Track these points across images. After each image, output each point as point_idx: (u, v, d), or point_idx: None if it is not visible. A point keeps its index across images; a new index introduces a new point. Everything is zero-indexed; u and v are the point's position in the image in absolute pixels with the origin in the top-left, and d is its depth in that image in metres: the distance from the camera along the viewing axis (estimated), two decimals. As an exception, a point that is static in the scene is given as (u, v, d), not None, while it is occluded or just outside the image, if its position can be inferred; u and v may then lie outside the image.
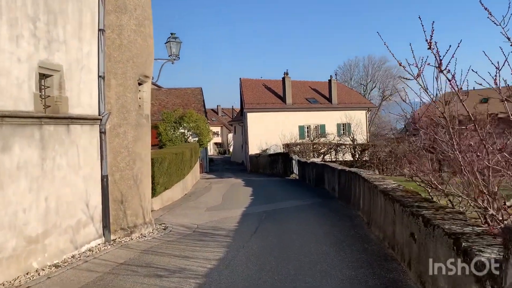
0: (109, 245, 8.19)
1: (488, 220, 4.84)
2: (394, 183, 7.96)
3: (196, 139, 34.17)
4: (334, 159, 31.77)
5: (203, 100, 45.84)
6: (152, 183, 13.79)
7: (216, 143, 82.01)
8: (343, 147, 33.06)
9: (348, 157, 32.82)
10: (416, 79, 4.78)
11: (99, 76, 8.24)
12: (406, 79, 4.81)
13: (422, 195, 6.47)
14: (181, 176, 18.37)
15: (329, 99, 43.47)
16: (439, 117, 5.36)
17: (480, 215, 5.27)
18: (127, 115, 8.84)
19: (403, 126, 34.01)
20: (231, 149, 69.64)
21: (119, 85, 8.68)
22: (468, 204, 5.78)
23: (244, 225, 9.86)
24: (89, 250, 7.71)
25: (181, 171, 18.30)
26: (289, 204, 13.28)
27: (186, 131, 33.65)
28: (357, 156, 32.33)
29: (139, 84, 9.50)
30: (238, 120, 51.49)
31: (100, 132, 8.29)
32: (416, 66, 4.65)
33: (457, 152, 4.87)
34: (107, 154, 8.44)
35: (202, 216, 11.78)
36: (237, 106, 58.99)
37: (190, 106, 40.52)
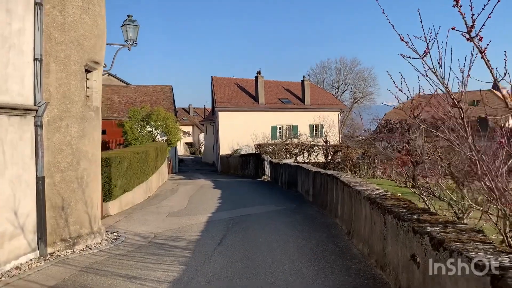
0: (44, 260, 6.84)
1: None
2: (379, 188, 6.96)
3: (165, 138, 32.65)
4: (307, 160, 30.92)
5: (173, 98, 44.23)
6: (109, 185, 12.46)
7: (187, 143, 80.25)
8: (316, 148, 32.30)
9: (321, 158, 32.07)
10: (422, 58, 3.72)
11: (35, 59, 6.88)
12: (409, 57, 3.73)
13: (416, 204, 5.47)
14: (144, 177, 16.98)
15: (302, 100, 42.74)
16: (447, 112, 4.29)
17: (505, 235, 4.29)
18: (70, 106, 7.50)
19: (376, 128, 33.61)
20: (202, 150, 68.06)
21: (60, 71, 7.33)
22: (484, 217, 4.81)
23: (207, 235, 8.65)
24: (16, 268, 6.34)
25: (144, 172, 16.91)
26: (259, 209, 12.15)
27: (153, 130, 32.07)
28: (329, 157, 31.60)
29: (87, 71, 8.17)
30: (209, 120, 50.16)
31: (36, 126, 6.93)
32: (425, 41, 3.57)
33: (475, 153, 3.82)
34: (44, 152, 7.08)
35: (163, 223, 10.51)
36: (209, 106, 57.62)
37: (159, 104, 38.85)
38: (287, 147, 32.60)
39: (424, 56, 3.70)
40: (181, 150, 73.46)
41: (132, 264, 6.50)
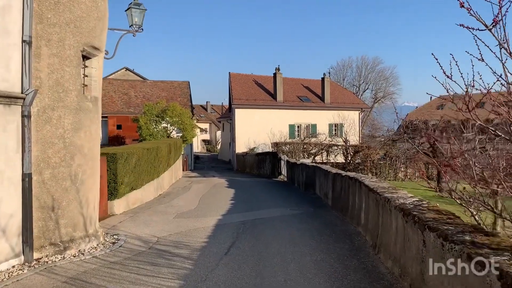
0: (28, 267, 6.07)
1: None
2: (412, 196, 5.97)
3: (180, 134, 32.00)
4: (325, 161, 29.83)
5: (190, 94, 43.64)
6: (114, 182, 11.75)
7: (204, 140, 79.82)
8: (335, 148, 31.15)
9: (340, 159, 30.92)
10: (490, 29, 2.74)
11: (23, 41, 6.11)
12: (473, 29, 2.76)
13: (461, 218, 4.48)
14: (155, 175, 16.26)
15: (322, 98, 41.57)
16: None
17: None
18: (64, 96, 6.72)
19: (398, 128, 32.29)
20: (219, 147, 67.45)
21: (53, 56, 6.55)
22: None
23: (214, 241, 7.78)
24: (-6, 276, 5.59)
25: (155, 169, 16.19)
26: (274, 212, 11.23)
27: (169, 126, 31.44)
28: (349, 158, 30.42)
29: (85, 57, 7.39)
30: (226, 117, 49.39)
31: (23, 116, 6.16)
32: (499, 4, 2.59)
33: None
34: (33, 146, 6.32)
35: (168, 225, 9.70)
36: (227, 103, 56.94)
37: (176, 100, 38.24)
38: (305, 146, 31.53)
39: (493, 26, 2.73)
40: (198, 147, 73.07)
41: (124, 276, 5.67)
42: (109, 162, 11.61)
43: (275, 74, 39.10)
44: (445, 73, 3.68)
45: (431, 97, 60.70)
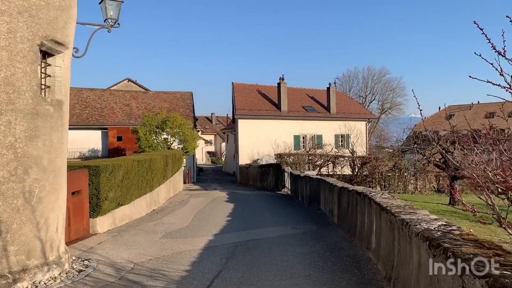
0: (-39, 307, 4.93)
1: None
2: (436, 218, 4.77)
3: (181, 146, 30.96)
4: (331, 172, 28.56)
5: (193, 105, 42.76)
6: (97, 198, 10.62)
7: (209, 152, 78.85)
8: (342, 159, 29.87)
9: (347, 170, 29.64)
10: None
11: (-39, 31, 5.06)
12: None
13: (502, 246, 3.28)
14: (148, 189, 15.13)
15: (327, 108, 40.48)
16: None
17: None
18: (14, 97, 5.63)
19: (407, 138, 31.02)
20: (223, 159, 66.36)
21: (1, 49, 5.48)
22: None
23: (198, 270, 6.58)
24: None
25: (148, 183, 15.06)
26: (272, 232, 10.01)
27: (169, 137, 30.42)
28: (356, 169, 29.12)
29: (47, 54, 6.32)
30: (230, 128, 48.41)
31: (-40, 121, 5.08)
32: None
33: None
34: (-27, 157, 5.22)
35: (151, 248, 8.53)
36: (232, 114, 55.96)
37: (178, 111, 37.33)
38: (310, 157, 30.30)
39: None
40: (203, 159, 72.07)
41: (74, 321, 4.51)
42: (91, 176, 10.51)
43: (279, 84, 38.11)
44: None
45: (439, 108, 59.42)
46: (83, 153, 36.49)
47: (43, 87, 6.25)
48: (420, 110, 4.72)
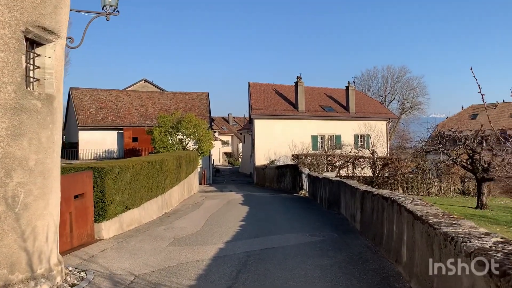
0: None
1: None
2: (489, 234, 3.89)
3: (197, 146, 30.35)
4: (351, 174, 27.53)
5: (209, 106, 42.18)
6: (102, 201, 9.98)
7: (226, 153, 78.26)
8: (362, 160, 28.79)
9: (367, 172, 28.56)
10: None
11: None
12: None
13: None
14: (159, 191, 14.49)
15: (346, 108, 39.36)
16: None
17: None
18: (-6, 90, 4.97)
19: (429, 138, 29.74)
20: (240, 160, 65.69)
21: (-23, 35, 4.82)
22: None
23: (204, 286, 5.83)
24: None
25: (159, 185, 14.42)
26: (289, 240, 9.18)
27: (184, 138, 29.83)
28: (377, 171, 28.03)
29: (35, 43, 5.65)
30: (247, 129, 47.69)
31: None
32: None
33: None
34: None
35: (157, 256, 7.82)
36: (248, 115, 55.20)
37: (194, 111, 36.76)
38: (329, 158, 29.31)
39: None
40: (220, 160, 71.51)
41: None
42: (96, 178, 9.88)
43: (296, 83, 37.21)
44: None
45: (462, 107, 57.54)
46: (99, 154, 36.26)
47: (30, 79, 5.58)
48: (482, 95, 3.83)
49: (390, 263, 6.64)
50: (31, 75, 5.62)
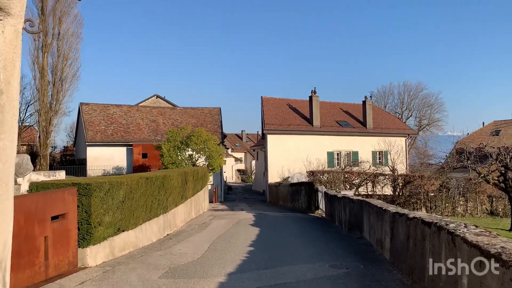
0: None
1: None
2: None
3: (207, 163, 29.01)
4: (370, 192, 25.79)
5: (221, 121, 40.99)
6: (88, 223, 8.57)
7: (239, 170, 76.75)
8: (382, 178, 27.03)
9: (387, 190, 26.78)
10: None
11: None
12: None
13: None
14: (160, 210, 13.09)
15: (363, 123, 37.72)
16: None
17: None
18: None
19: (449, 155, 27.88)
20: (253, 177, 64.13)
21: None
22: None
23: None
24: None
25: (160, 203, 13.04)
26: (305, 272, 7.61)
27: (194, 153, 28.52)
28: (398, 189, 26.22)
29: (-25, 19, 4.36)
30: (260, 145, 46.30)
31: None
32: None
33: None
34: None
35: (142, 293, 6.35)
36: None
37: (205, 127, 35.56)
38: (346, 175, 27.60)
39: None
40: (233, 177, 70.03)
41: None
42: (80, 196, 8.54)
43: (311, 97, 35.83)
44: None
45: (483, 123, 55.35)
46: (107, 171, 35.14)
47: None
48: None
49: (439, 310, 5.05)
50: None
